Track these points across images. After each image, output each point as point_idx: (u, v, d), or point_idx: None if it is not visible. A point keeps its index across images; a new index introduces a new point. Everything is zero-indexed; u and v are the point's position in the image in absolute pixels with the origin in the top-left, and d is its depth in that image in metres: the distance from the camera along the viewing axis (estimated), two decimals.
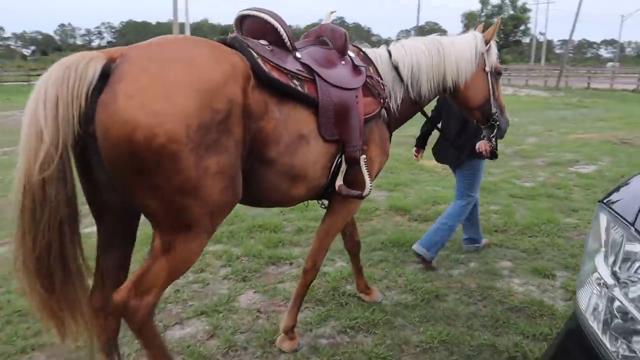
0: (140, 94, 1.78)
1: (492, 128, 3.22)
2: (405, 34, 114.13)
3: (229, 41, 2.27)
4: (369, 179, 2.64)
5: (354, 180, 2.64)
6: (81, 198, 1.97)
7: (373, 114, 2.67)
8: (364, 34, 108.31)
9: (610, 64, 76.73)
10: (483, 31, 3.19)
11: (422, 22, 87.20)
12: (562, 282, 3.94)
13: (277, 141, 2.22)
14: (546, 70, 45.61)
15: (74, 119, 1.75)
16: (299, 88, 2.35)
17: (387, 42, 3.25)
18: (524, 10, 59.63)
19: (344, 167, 2.57)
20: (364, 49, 2.91)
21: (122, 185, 1.91)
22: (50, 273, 1.84)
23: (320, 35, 2.77)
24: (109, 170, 1.86)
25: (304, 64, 2.45)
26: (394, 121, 2.91)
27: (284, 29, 2.42)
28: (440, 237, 4.11)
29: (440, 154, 4.28)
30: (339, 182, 2.59)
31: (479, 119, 3.24)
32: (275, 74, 2.25)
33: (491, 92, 3.11)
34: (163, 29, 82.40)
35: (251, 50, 2.23)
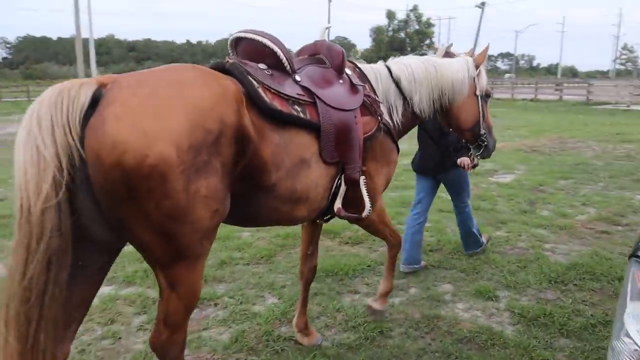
0: (129, 115, 1.72)
1: (480, 147, 3.38)
2: None
3: (227, 67, 2.21)
4: (368, 200, 2.65)
5: (355, 200, 2.63)
6: None
7: (371, 132, 2.67)
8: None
9: (507, 75, 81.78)
10: (472, 56, 3.31)
11: (332, 37, 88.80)
12: (507, 304, 3.76)
13: (277, 166, 2.19)
14: None
15: (67, 145, 1.68)
16: (301, 114, 2.33)
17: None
18: (429, 25, 62.21)
19: (343, 188, 2.56)
20: (359, 65, 2.90)
21: (114, 217, 1.81)
22: (28, 319, 1.70)
23: (316, 52, 2.74)
24: (101, 198, 1.77)
25: (304, 87, 2.42)
26: (396, 133, 2.93)
27: (283, 53, 2.39)
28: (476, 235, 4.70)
29: (420, 165, 4.48)
30: (338, 204, 2.58)
31: (468, 139, 3.40)
32: (277, 104, 2.22)
33: (481, 115, 3.27)
34: (65, 44, 77.96)
35: (251, 79, 2.19)
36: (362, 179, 2.59)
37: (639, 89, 31.04)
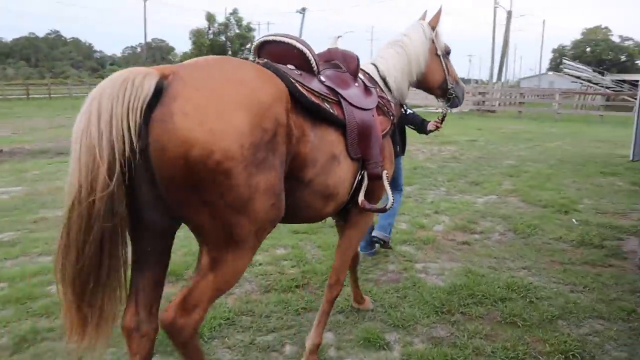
0: (196, 112, 1.80)
1: (449, 99, 3.62)
2: (132, 50, 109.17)
3: (267, 66, 2.25)
4: (390, 191, 2.79)
5: (371, 195, 2.77)
6: None
7: (386, 131, 2.89)
8: (85, 50, 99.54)
9: None
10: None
11: (149, 39, 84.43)
12: (401, 352, 3.15)
13: (313, 163, 2.30)
14: None
15: (129, 134, 1.73)
16: (331, 110, 2.43)
17: (114, 58, 2.56)
18: (249, 29, 62.14)
19: (366, 183, 2.68)
20: (365, 69, 3.14)
21: (174, 201, 1.90)
22: (85, 282, 1.81)
23: (331, 59, 2.92)
24: (162, 186, 1.86)
25: (328, 87, 2.53)
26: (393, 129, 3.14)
27: (311, 54, 2.53)
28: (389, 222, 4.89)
29: None
30: (362, 197, 2.68)
31: (439, 95, 3.63)
32: (313, 98, 2.34)
33: (446, 71, 3.52)
34: None
35: (287, 75, 2.26)
36: (384, 173, 2.73)
37: None
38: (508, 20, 29.02)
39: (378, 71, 3.20)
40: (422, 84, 3.51)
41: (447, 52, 3.58)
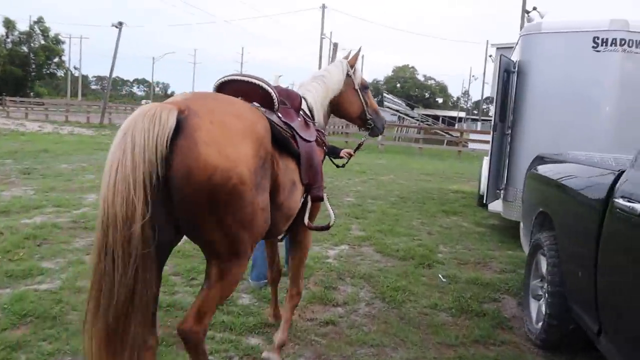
0: (214, 142, 2.08)
1: (369, 129, 4.06)
2: None
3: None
4: (332, 211, 3.28)
5: (311, 216, 3.14)
6: None
7: (323, 159, 3.39)
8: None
9: (144, 101, 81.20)
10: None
11: None
12: None
13: (283, 188, 2.61)
14: (87, 106, 43.29)
15: (156, 163, 1.95)
16: (292, 143, 2.79)
17: None
18: (57, 41, 55.88)
19: (309, 205, 3.07)
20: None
21: (192, 221, 2.16)
22: (121, 310, 1.94)
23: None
24: (184, 207, 2.09)
25: (285, 122, 2.81)
26: None
27: (274, 93, 2.81)
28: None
29: None
30: (307, 219, 3.07)
31: (359, 125, 4.09)
32: (283, 132, 2.68)
33: (364, 103, 3.93)
34: None
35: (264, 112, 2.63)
36: (325, 196, 3.13)
37: None
38: (334, 52, 29.53)
39: (307, 104, 3.43)
40: (340, 114, 3.95)
41: (365, 87, 3.96)
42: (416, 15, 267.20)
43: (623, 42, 6.29)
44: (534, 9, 32.00)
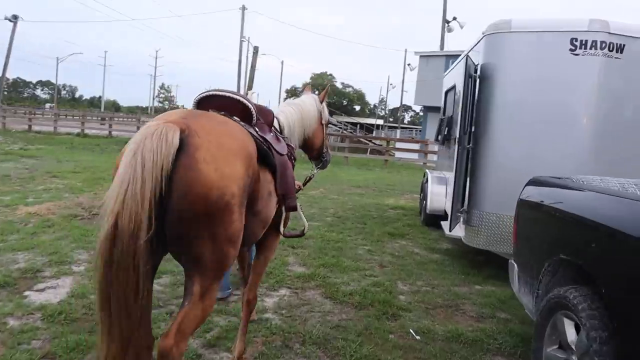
0: (212, 160, 2.22)
1: (320, 162, 4.34)
2: None
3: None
4: (305, 220, 3.53)
5: (285, 224, 3.33)
6: None
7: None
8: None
9: (48, 105, 75.41)
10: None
11: None
12: None
13: (261, 197, 2.73)
14: None
15: (162, 180, 2.06)
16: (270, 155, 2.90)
17: None
18: None
19: (284, 215, 3.24)
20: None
21: (185, 235, 2.22)
22: (129, 318, 2.08)
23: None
24: (181, 221, 2.17)
25: (261, 136, 2.89)
26: None
27: (253, 108, 2.99)
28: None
29: None
30: (282, 227, 3.31)
31: (315, 158, 4.32)
32: (264, 146, 2.80)
33: (325, 138, 4.24)
34: None
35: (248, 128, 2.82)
36: (299, 206, 3.28)
37: None
38: (255, 57, 28.12)
39: (279, 122, 3.61)
40: (307, 145, 4.07)
41: (328, 124, 4.31)
42: (336, 24, 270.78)
43: (604, 45, 5.46)
44: (454, 19, 32.38)
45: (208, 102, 2.95)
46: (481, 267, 6.44)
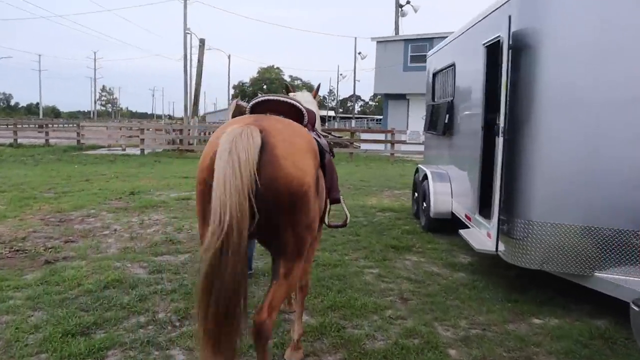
0: (290, 156, 2.55)
1: None
2: None
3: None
4: (347, 211, 3.77)
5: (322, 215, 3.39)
6: None
7: None
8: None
9: None
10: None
11: None
12: None
13: (321, 191, 2.98)
14: None
15: (253, 175, 2.35)
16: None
17: None
18: None
19: (329, 207, 3.47)
20: None
21: (272, 223, 2.54)
22: (229, 307, 2.30)
23: (286, 112, 3.34)
24: (268, 212, 2.47)
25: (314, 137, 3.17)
26: None
27: (304, 110, 3.33)
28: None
29: None
30: (327, 218, 3.50)
31: None
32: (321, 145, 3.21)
33: None
34: None
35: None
36: (342, 198, 3.54)
37: (130, 132, 29.39)
38: (201, 50, 26.08)
39: None
40: None
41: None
42: (283, 15, 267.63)
43: None
44: (408, 2, 31.27)
45: (263, 106, 3.22)
46: (524, 288, 5.09)
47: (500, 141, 4.69)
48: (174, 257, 6.04)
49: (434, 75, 8.91)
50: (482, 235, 5.57)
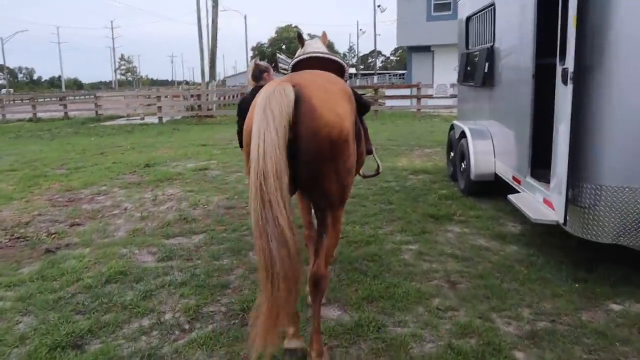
0: (326, 104, 2.62)
1: None
2: None
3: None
4: (380, 161, 4.03)
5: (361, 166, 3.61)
6: None
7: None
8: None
9: (3, 90, 70.93)
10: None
11: None
12: None
13: (359, 137, 3.13)
14: None
15: (288, 127, 2.45)
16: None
17: None
18: None
19: (364, 157, 3.53)
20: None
21: (316, 172, 2.64)
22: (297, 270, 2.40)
23: (322, 66, 3.42)
24: (310, 160, 2.59)
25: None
26: None
27: (345, 64, 3.61)
28: None
29: None
30: (362, 170, 3.73)
31: None
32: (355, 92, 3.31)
33: None
34: None
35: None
36: (374, 149, 3.81)
37: (148, 100, 28.75)
38: (215, 11, 25.00)
39: None
40: None
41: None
42: None
43: None
44: None
45: (305, 64, 3.44)
46: (591, 263, 4.32)
47: (568, 89, 3.83)
48: (187, 238, 5.42)
49: (467, 20, 7.94)
50: (537, 203, 4.78)
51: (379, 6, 51.20)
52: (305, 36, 4.15)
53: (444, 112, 20.83)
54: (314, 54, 3.51)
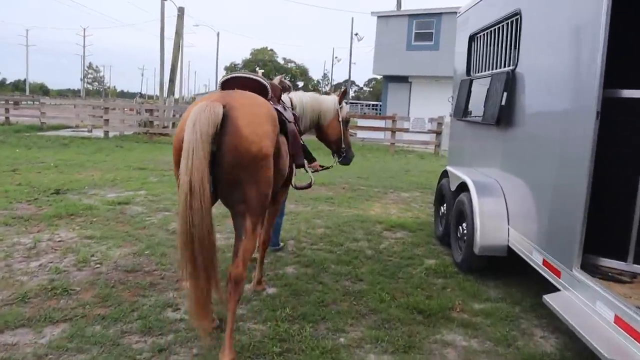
0: (250, 125, 2.99)
1: (340, 156, 5.06)
2: None
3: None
4: (312, 175, 4.37)
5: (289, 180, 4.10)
6: None
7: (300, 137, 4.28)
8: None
9: None
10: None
11: None
12: None
13: (282, 156, 3.49)
14: None
15: (211, 142, 2.81)
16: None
17: None
18: None
19: (295, 171, 4.14)
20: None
21: (237, 182, 2.99)
22: (208, 259, 2.84)
23: (251, 86, 3.75)
24: (232, 172, 2.96)
25: (275, 108, 3.60)
26: None
27: (268, 85, 3.73)
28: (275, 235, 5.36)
29: None
30: (294, 181, 4.21)
31: (334, 150, 5.07)
32: (282, 116, 3.74)
33: (342, 134, 4.97)
34: None
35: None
36: (306, 163, 4.26)
37: (100, 110, 26.31)
38: (180, 19, 23.00)
39: (291, 100, 4.51)
40: (322, 136, 4.97)
41: (347, 121, 5.04)
42: None
43: None
44: None
45: (232, 83, 3.64)
46: None
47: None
48: (34, 332, 3.35)
49: (471, 38, 6.20)
50: (603, 319, 2.91)
51: (356, 34, 50.09)
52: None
53: (419, 148, 19.24)
54: (239, 74, 3.74)
